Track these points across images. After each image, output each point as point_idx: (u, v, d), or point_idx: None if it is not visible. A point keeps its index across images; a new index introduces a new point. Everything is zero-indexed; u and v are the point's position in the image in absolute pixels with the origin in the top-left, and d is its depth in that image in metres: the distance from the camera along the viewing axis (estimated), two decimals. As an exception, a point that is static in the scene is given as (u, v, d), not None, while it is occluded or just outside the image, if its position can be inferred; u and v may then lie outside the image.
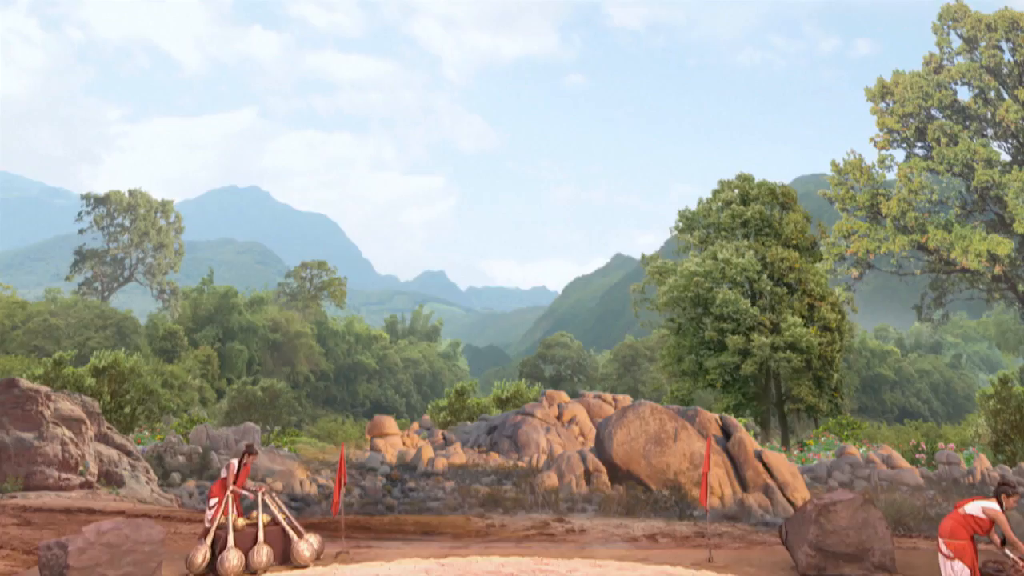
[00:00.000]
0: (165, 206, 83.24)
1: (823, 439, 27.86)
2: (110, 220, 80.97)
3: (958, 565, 7.51)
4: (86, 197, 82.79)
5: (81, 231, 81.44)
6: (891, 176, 51.41)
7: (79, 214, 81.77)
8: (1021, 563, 7.49)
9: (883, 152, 51.57)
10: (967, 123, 50.78)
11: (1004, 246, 45.70)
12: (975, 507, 7.68)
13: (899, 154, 53.29)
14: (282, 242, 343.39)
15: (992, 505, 7.55)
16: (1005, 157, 50.20)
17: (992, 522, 7.58)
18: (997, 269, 47.41)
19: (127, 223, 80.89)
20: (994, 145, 50.42)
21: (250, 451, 10.92)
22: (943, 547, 7.68)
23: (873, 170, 50.66)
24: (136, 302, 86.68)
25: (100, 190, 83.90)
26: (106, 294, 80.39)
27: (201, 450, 22.18)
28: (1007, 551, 7.78)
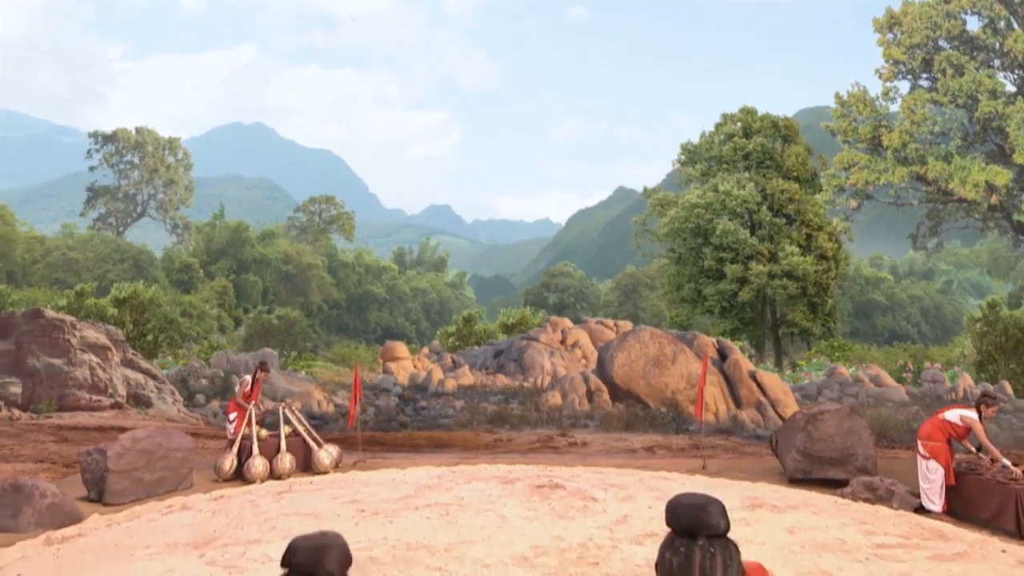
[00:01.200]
0: (172, 143, 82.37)
1: (815, 360, 28.37)
2: (119, 157, 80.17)
3: (932, 464, 7.89)
4: (94, 135, 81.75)
5: (91, 168, 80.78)
6: (894, 108, 50.50)
7: (88, 151, 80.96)
8: (992, 463, 7.86)
9: (887, 84, 50.49)
10: (974, 54, 49.50)
11: (1002, 176, 45.30)
12: (954, 414, 7.98)
13: (904, 86, 52.20)
14: (289, 178, 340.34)
15: (970, 413, 7.82)
16: (1010, 88, 49.10)
17: (968, 429, 7.88)
18: (994, 199, 47.07)
19: (136, 160, 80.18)
20: (1000, 76, 49.27)
21: (263, 367, 11.33)
22: (920, 448, 8.05)
23: (877, 102, 49.70)
24: (151, 236, 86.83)
25: (107, 128, 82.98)
26: (121, 229, 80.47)
27: (223, 373, 22.74)
28: (980, 455, 8.15)
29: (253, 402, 10.74)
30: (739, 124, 39.41)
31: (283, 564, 1.50)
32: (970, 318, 25.43)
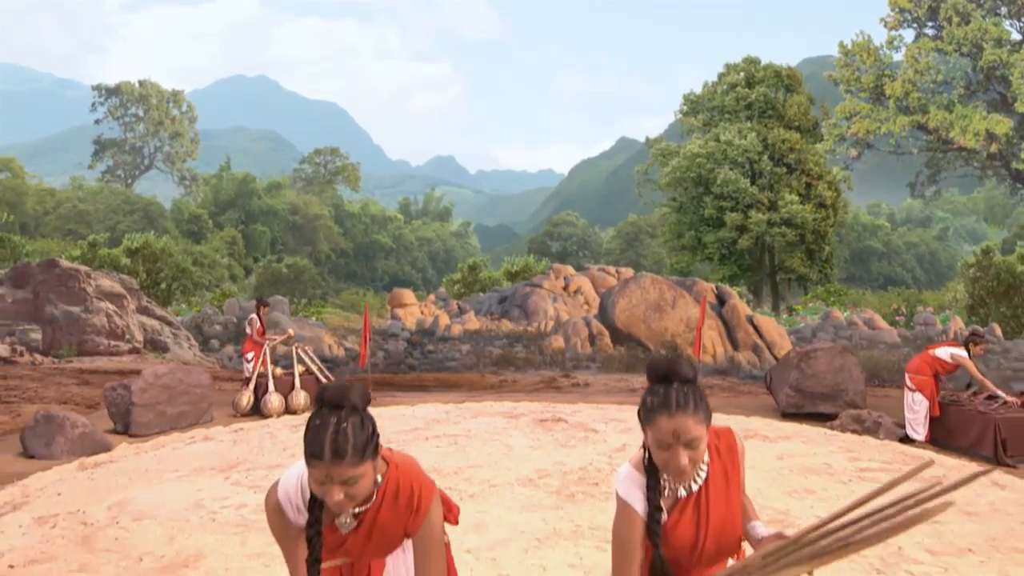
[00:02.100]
0: (176, 96, 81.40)
1: (811, 305, 28.58)
2: (124, 111, 79.40)
3: (918, 396, 8.12)
4: (97, 88, 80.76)
5: (97, 121, 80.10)
6: (898, 57, 49.58)
7: (92, 105, 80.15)
8: (975, 396, 8.07)
9: (892, 33, 49.42)
10: (982, 0, 48.34)
11: (1003, 125, 44.76)
12: (944, 351, 8.12)
13: (908, 34, 51.16)
14: (294, 130, 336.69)
15: (960, 352, 7.96)
16: (1016, 36, 48.02)
17: (956, 366, 8.05)
18: (993, 147, 46.59)
19: (141, 113, 79.46)
20: (1006, 24, 48.16)
21: (262, 303, 11.55)
22: (908, 381, 8.27)
23: (881, 51, 48.74)
24: (159, 188, 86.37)
25: (110, 81, 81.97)
26: (129, 181, 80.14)
27: (236, 320, 23.04)
28: (964, 392, 8.36)
29: (262, 339, 10.98)
30: (742, 74, 38.91)
31: (316, 403, 1.82)
32: (964, 263, 25.43)
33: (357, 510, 1.89)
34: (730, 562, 1.96)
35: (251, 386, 10.50)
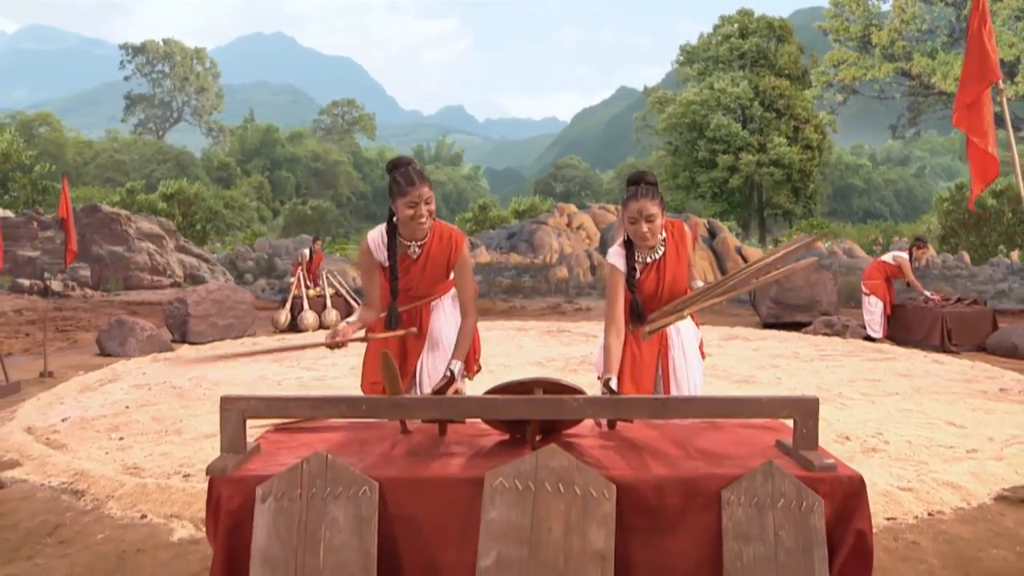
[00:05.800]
0: (199, 53, 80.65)
1: (795, 237, 28.84)
2: (151, 68, 78.93)
3: (873, 299, 8.55)
4: (124, 47, 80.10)
5: (126, 78, 79.65)
6: (886, 7, 48.32)
7: (121, 63, 79.58)
8: (931, 299, 8.50)
9: (881, -17, 47.97)
10: (967, -50, 46.78)
11: (982, 69, 43.98)
12: (888, 256, 8.60)
13: (897, -15, 49.49)
14: (312, 84, 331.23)
15: (901, 254, 8.39)
16: (1001, -14, 46.56)
17: (899, 267, 8.45)
18: (972, 91, 45.85)
19: (167, 70, 78.92)
20: (990, -29, 46.68)
21: (316, 239, 12.06)
22: (863, 287, 8.70)
23: (869, 1, 47.50)
24: (188, 139, 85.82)
25: (135, 39, 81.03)
26: (160, 133, 79.90)
27: (267, 256, 23.54)
28: (927, 293, 8.77)
29: (303, 272, 11.51)
30: (736, 25, 38.41)
31: (388, 169, 2.52)
32: (939, 198, 25.57)
33: (419, 243, 2.55)
34: None
35: (288, 306, 11.06)
